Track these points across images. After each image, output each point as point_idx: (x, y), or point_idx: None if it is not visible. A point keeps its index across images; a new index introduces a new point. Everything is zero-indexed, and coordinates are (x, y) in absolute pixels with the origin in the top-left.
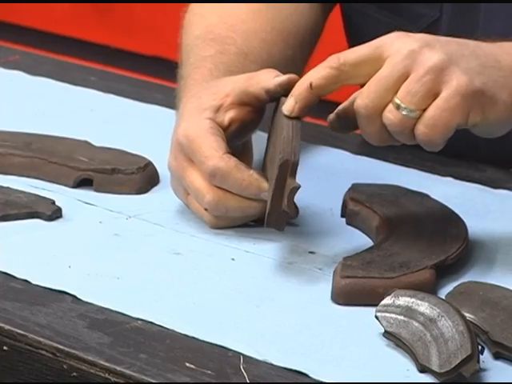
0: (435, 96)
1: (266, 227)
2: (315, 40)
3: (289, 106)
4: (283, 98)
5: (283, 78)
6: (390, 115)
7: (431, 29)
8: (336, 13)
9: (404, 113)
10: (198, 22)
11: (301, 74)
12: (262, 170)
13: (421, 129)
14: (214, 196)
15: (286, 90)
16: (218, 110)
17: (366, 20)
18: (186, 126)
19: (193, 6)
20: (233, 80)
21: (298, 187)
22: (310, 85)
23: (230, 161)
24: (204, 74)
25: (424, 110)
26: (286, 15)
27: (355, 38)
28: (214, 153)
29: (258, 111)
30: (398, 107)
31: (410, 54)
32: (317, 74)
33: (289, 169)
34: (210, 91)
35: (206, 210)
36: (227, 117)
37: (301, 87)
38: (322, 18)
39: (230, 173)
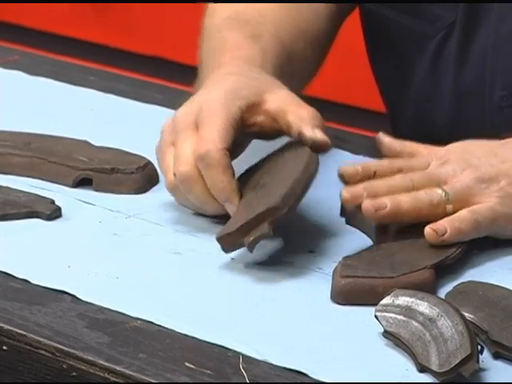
0: None
1: (215, 239)
2: (330, 43)
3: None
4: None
5: (321, 137)
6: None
7: (448, 30)
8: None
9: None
10: (224, 7)
11: (315, 76)
12: (240, 177)
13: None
14: (188, 172)
15: (316, 147)
16: (251, 107)
17: (385, 23)
18: (217, 96)
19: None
20: (278, 94)
21: (269, 236)
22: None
23: (223, 158)
24: (244, 55)
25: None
26: (306, 15)
27: (374, 40)
28: (217, 140)
29: (277, 133)
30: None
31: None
32: None
33: (274, 216)
34: (253, 84)
35: (174, 175)
36: (254, 120)
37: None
38: (339, 21)
39: (215, 168)
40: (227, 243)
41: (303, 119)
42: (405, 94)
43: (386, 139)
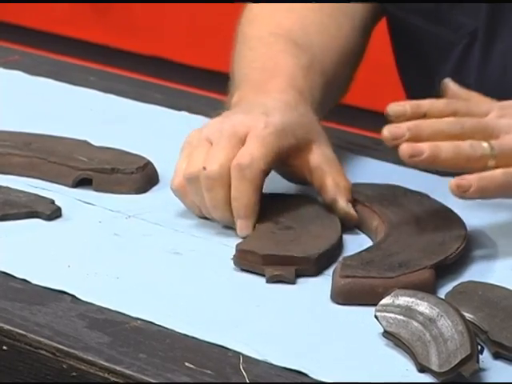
0: None
1: (235, 246)
2: (363, 54)
3: None
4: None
5: (353, 213)
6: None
7: (471, 38)
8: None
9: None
10: (267, 19)
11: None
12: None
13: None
14: (220, 172)
15: (345, 219)
16: (297, 150)
17: (412, 30)
18: (276, 124)
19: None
20: (324, 150)
21: (290, 282)
22: None
23: (260, 178)
24: (298, 86)
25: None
26: (346, 31)
27: (400, 47)
28: (262, 160)
29: (302, 182)
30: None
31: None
32: None
33: (301, 267)
34: (306, 127)
35: (204, 168)
36: (292, 161)
37: None
38: (371, 31)
39: (250, 183)
40: (243, 258)
41: (339, 188)
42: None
43: (452, 85)
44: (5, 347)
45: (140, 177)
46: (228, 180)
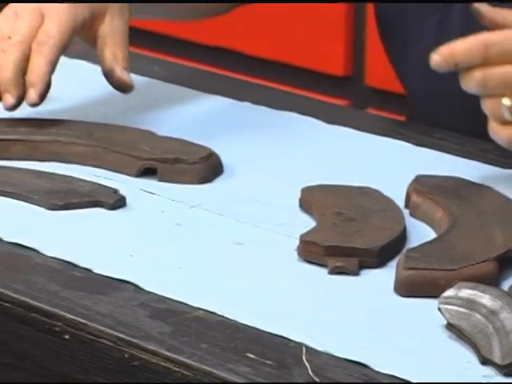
0: None
1: (299, 237)
2: None
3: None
4: None
5: (126, 79)
6: None
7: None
8: None
9: None
10: None
11: None
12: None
13: None
14: (22, 42)
15: (121, 87)
16: (92, 20)
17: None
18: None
19: None
20: (113, 22)
21: (354, 274)
22: None
23: (54, 55)
24: None
25: None
26: None
27: (383, 26)
28: (57, 38)
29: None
30: None
31: None
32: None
33: (364, 258)
34: None
35: (9, 37)
36: (87, 33)
37: None
38: None
39: (44, 57)
40: (306, 249)
41: (117, 58)
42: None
43: (484, 8)
44: (67, 336)
45: (203, 167)
46: (25, 49)
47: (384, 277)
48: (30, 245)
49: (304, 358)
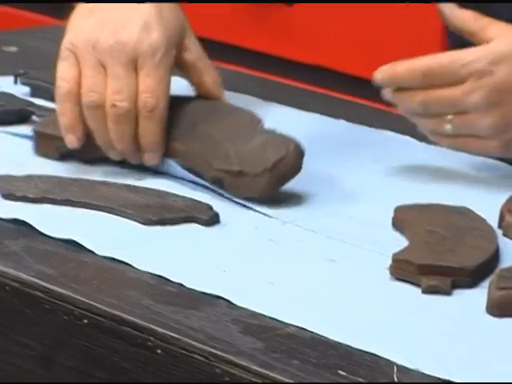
0: None
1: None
2: None
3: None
4: None
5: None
6: None
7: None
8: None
9: None
10: None
11: None
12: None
13: None
14: (129, 110)
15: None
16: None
17: None
18: (158, 35)
19: None
20: (194, 44)
21: (446, 293)
22: None
23: (165, 115)
24: None
25: None
26: None
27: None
28: (163, 95)
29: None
30: None
31: None
32: None
33: (458, 277)
34: (173, 24)
35: (113, 105)
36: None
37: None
38: None
39: (159, 123)
40: (399, 267)
41: (218, 85)
42: None
43: (447, 9)
44: (159, 350)
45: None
46: (135, 115)
47: (476, 297)
48: (123, 259)
49: (395, 376)
